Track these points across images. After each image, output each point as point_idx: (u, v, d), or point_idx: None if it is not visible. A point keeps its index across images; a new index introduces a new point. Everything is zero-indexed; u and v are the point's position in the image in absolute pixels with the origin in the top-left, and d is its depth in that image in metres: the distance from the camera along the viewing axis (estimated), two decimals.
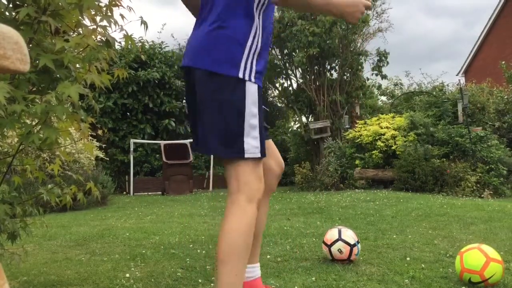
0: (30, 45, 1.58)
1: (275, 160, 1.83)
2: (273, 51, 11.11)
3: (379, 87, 15.18)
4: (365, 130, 8.75)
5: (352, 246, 2.48)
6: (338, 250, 2.48)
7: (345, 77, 10.97)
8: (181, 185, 9.38)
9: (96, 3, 1.61)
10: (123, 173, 11.16)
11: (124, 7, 1.69)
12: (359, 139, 8.70)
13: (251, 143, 1.43)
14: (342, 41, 10.46)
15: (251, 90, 1.44)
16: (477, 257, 2.05)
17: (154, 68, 11.47)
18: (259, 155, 1.44)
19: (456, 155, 7.83)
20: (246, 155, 1.42)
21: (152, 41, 12.20)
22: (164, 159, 9.42)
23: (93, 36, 1.64)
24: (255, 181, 1.44)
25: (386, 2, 19.23)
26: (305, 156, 11.17)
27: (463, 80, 17.08)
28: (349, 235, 2.53)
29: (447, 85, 12.33)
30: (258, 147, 1.44)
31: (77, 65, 1.76)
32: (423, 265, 2.42)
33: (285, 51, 10.89)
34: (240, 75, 1.43)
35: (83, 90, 1.54)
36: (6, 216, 1.84)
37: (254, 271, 1.81)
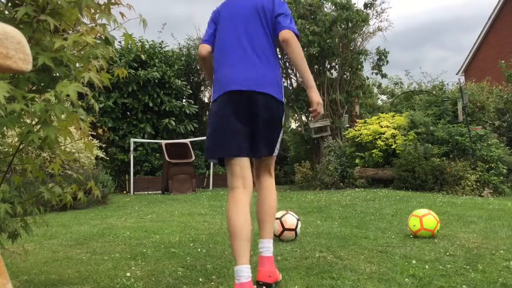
0: (30, 44, 1.58)
1: None
2: None
3: (379, 86, 15.19)
4: (365, 129, 8.75)
5: (284, 230, 3.18)
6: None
7: (345, 76, 10.97)
8: (184, 184, 9.38)
9: (96, 1, 1.61)
10: (123, 172, 11.15)
11: (124, 6, 1.69)
12: (359, 138, 8.70)
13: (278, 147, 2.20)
14: (342, 40, 10.46)
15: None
16: (431, 219, 3.21)
17: (154, 67, 11.47)
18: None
19: (456, 154, 7.83)
20: (275, 154, 2.19)
21: (152, 41, 12.20)
22: (166, 158, 9.41)
23: (92, 34, 1.64)
24: None
25: (386, 1, 19.19)
26: (305, 155, 11.17)
27: (463, 79, 17.07)
28: (289, 219, 3.21)
29: (447, 84, 12.35)
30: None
31: (77, 64, 1.76)
32: (423, 264, 2.42)
33: None
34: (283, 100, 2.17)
35: (82, 89, 1.54)
36: (6, 215, 1.84)
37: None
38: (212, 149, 2.10)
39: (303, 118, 11.61)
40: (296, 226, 3.21)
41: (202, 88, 14.34)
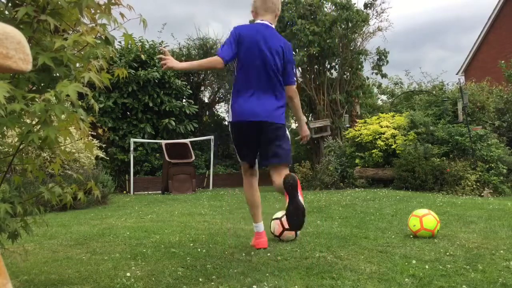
0: (30, 44, 1.58)
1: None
2: None
3: (379, 86, 15.18)
4: (365, 129, 8.75)
5: (284, 230, 3.20)
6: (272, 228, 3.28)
7: (345, 76, 10.96)
8: (184, 184, 9.38)
9: (96, 1, 1.61)
10: (123, 172, 11.15)
11: (124, 6, 1.69)
12: (359, 138, 8.70)
13: None
14: (342, 40, 10.46)
15: None
16: (431, 219, 3.20)
17: (154, 67, 11.46)
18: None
19: (456, 154, 7.83)
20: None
21: (152, 41, 12.19)
22: (166, 158, 9.41)
23: (92, 34, 1.64)
24: None
25: (386, 1, 19.20)
26: (305, 155, 11.17)
27: (463, 79, 17.06)
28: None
29: (447, 84, 12.34)
30: None
31: (77, 64, 1.76)
32: (423, 264, 2.42)
33: None
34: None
35: (82, 89, 1.54)
36: (6, 215, 1.84)
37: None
38: (239, 155, 2.92)
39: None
40: None
41: (202, 88, 14.34)
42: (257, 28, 2.74)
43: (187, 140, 10.42)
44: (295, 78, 2.85)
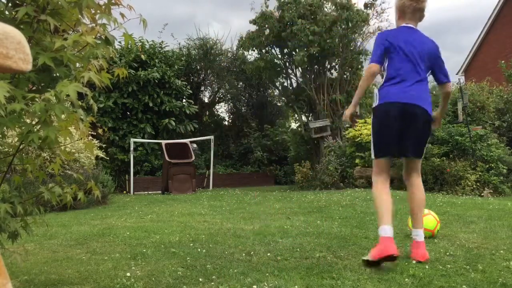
0: (30, 44, 1.58)
1: None
2: (273, 50, 11.11)
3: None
4: (365, 129, 8.74)
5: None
6: None
7: (345, 76, 10.97)
8: (184, 184, 9.39)
9: (96, 1, 1.62)
10: (123, 172, 11.16)
11: (124, 6, 1.69)
12: (359, 138, 8.70)
13: None
14: (342, 40, 10.46)
15: None
16: (431, 219, 3.29)
17: (154, 67, 11.47)
18: None
19: (456, 154, 7.83)
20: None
21: (152, 41, 12.20)
22: (166, 158, 9.41)
23: (92, 34, 1.64)
24: None
25: (386, 1, 19.16)
26: (305, 155, 11.17)
27: (463, 79, 17.05)
28: None
29: None
30: None
31: (77, 64, 1.76)
32: (423, 264, 2.42)
33: (285, 50, 10.90)
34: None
35: (82, 89, 1.54)
36: (7, 215, 1.84)
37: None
38: (379, 146, 2.88)
39: (303, 118, 11.62)
40: None
41: (202, 88, 14.33)
42: (405, 33, 2.77)
43: (187, 140, 10.43)
44: (448, 76, 2.85)
